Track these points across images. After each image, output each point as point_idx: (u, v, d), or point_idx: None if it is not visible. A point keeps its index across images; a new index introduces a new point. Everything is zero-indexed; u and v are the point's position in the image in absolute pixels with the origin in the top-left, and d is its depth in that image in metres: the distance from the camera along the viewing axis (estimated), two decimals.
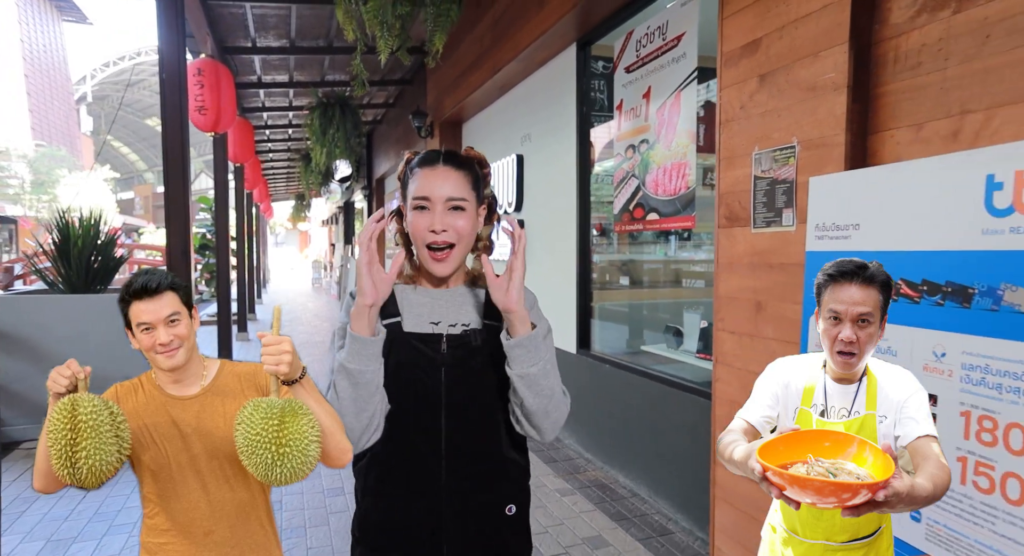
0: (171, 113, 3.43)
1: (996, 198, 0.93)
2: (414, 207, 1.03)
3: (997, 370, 0.91)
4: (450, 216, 1.02)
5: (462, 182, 1.05)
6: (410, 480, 1.04)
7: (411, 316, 1.07)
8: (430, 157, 1.06)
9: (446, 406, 1.03)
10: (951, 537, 0.96)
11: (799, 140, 1.88)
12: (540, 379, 1.00)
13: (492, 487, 1.07)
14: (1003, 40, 1.40)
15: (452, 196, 1.02)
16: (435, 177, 1.03)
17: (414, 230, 1.03)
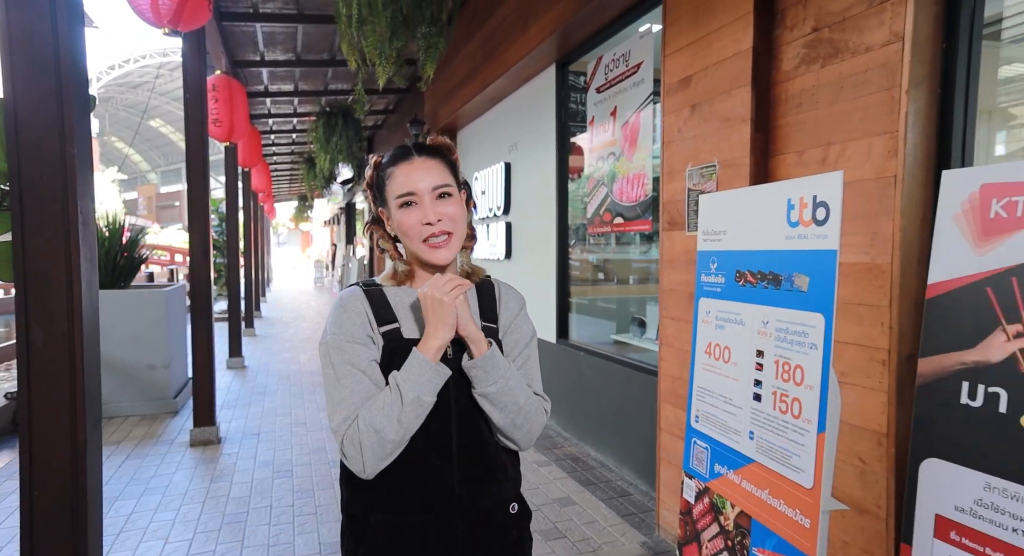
0: (194, 128, 3.87)
1: (791, 215, 1.36)
2: (400, 205, 1.01)
3: (791, 330, 1.34)
4: (440, 205, 1.01)
5: (442, 169, 1.03)
6: (422, 491, 0.99)
7: (408, 321, 1.04)
8: (403, 153, 1.04)
9: (456, 413, 1.00)
10: (768, 446, 1.40)
11: (719, 160, 2.31)
12: (501, 397, 0.98)
13: (497, 490, 1.05)
14: (852, 91, 1.83)
15: (437, 184, 1.01)
16: (415, 170, 1.01)
17: (405, 228, 1.01)
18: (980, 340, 1.07)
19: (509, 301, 1.14)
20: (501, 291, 1.15)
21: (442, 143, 1.08)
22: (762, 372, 1.43)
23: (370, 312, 1.02)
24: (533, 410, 1.03)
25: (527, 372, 1.10)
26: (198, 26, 2.83)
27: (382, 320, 1.02)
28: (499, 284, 1.16)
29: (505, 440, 1.03)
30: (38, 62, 1.38)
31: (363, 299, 1.03)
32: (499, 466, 1.05)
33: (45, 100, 1.39)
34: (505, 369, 0.99)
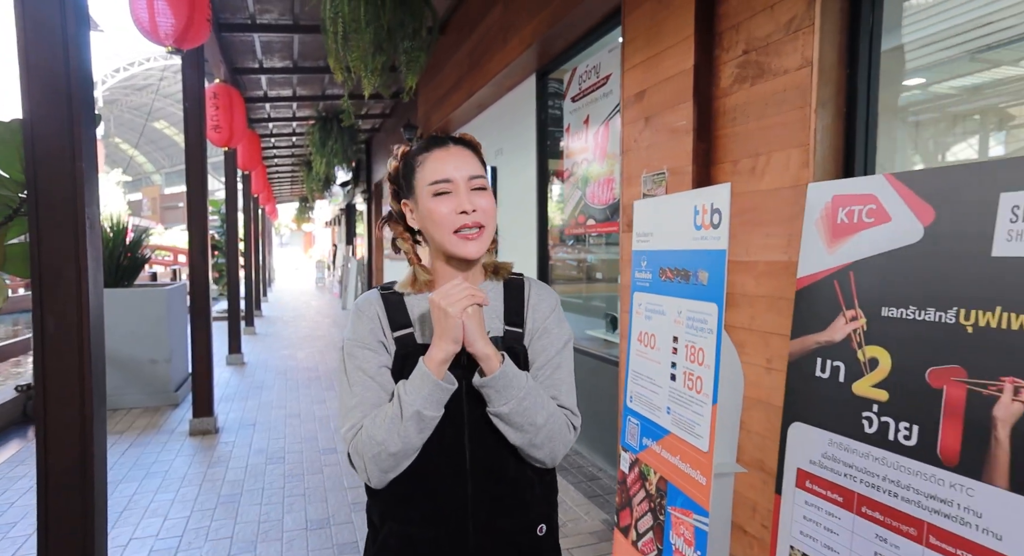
0: (192, 136, 4.11)
1: (696, 220, 1.58)
2: (434, 193, 0.95)
3: (696, 318, 1.56)
4: (475, 196, 0.95)
5: (476, 161, 0.99)
6: (434, 504, 0.95)
7: (427, 326, 0.98)
8: (437, 140, 0.99)
9: (469, 424, 0.95)
10: (680, 419, 1.62)
11: (668, 168, 2.53)
12: (515, 417, 0.92)
13: (521, 507, 0.98)
14: (774, 108, 2.05)
15: (474, 173, 0.96)
16: (451, 157, 0.96)
17: (437, 218, 0.95)
18: (828, 324, 1.29)
19: (540, 303, 1.04)
20: (532, 291, 1.06)
21: (473, 139, 1.03)
22: (676, 355, 1.66)
23: (384, 316, 0.99)
24: (556, 429, 0.95)
25: (555, 382, 1.01)
26: (199, 44, 3.06)
27: (396, 325, 0.98)
28: (530, 282, 1.07)
29: (527, 458, 0.96)
30: (52, 90, 1.61)
31: (379, 303, 1.00)
32: (523, 483, 0.98)
33: (58, 122, 1.62)
34: (520, 387, 0.92)
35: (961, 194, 1.06)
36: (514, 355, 0.97)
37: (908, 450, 1.10)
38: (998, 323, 0.98)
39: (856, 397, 1.21)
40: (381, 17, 3.20)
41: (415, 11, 3.30)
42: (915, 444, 1.09)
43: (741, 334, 2.19)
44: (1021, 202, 0.97)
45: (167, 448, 3.92)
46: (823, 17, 1.88)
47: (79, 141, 1.66)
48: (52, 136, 1.62)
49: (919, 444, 1.09)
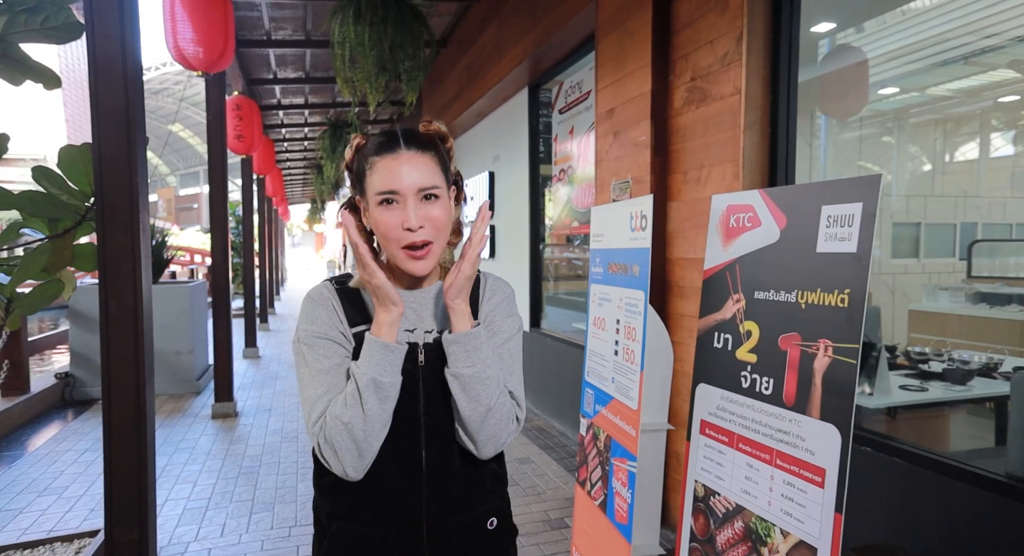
0: (215, 146, 4.52)
1: (631, 224, 1.95)
2: (379, 202, 0.90)
3: (630, 303, 1.93)
4: (424, 207, 0.90)
5: (431, 166, 0.91)
6: (385, 507, 0.93)
7: None
8: (389, 142, 0.91)
9: (425, 425, 0.93)
10: (619, 385, 1.99)
11: (631, 177, 2.90)
12: (475, 383, 0.90)
13: (472, 504, 0.98)
14: (714, 128, 2.41)
15: (424, 185, 0.89)
16: (400, 165, 0.89)
17: (383, 230, 0.90)
18: (722, 305, 1.65)
19: (492, 296, 1.03)
20: (487, 284, 1.05)
21: (435, 131, 0.97)
22: (618, 335, 2.03)
23: (340, 311, 0.96)
24: (503, 414, 0.94)
25: (503, 367, 0.99)
26: (224, 68, 3.47)
27: (353, 320, 0.95)
28: (486, 277, 1.06)
29: (465, 438, 0.94)
30: (115, 121, 2.01)
31: (334, 296, 0.97)
32: (474, 479, 0.98)
33: (119, 146, 2.02)
34: (487, 355, 0.92)
35: (801, 206, 1.43)
36: None
37: (766, 397, 1.47)
38: (818, 300, 1.35)
39: (738, 361, 1.58)
40: (383, 40, 3.58)
41: (414, 33, 3.69)
42: (771, 393, 1.46)
43: (691, 321, 2.55)
44: (833, 213, 1.34)
45: (192, 428, 4.34)
46: (749, 53, 2.24)
47: (135, 161, 2.06)
48: (114, 157, 2.02)
49: (773, 392, 1.45)
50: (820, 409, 1.31)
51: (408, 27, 3.64)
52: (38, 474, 3.42)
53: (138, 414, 2.04)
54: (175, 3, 3.07)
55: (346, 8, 3.55)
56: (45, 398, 4.72)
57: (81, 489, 3.21)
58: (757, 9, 2.23)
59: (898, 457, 1.80)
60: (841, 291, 1.30)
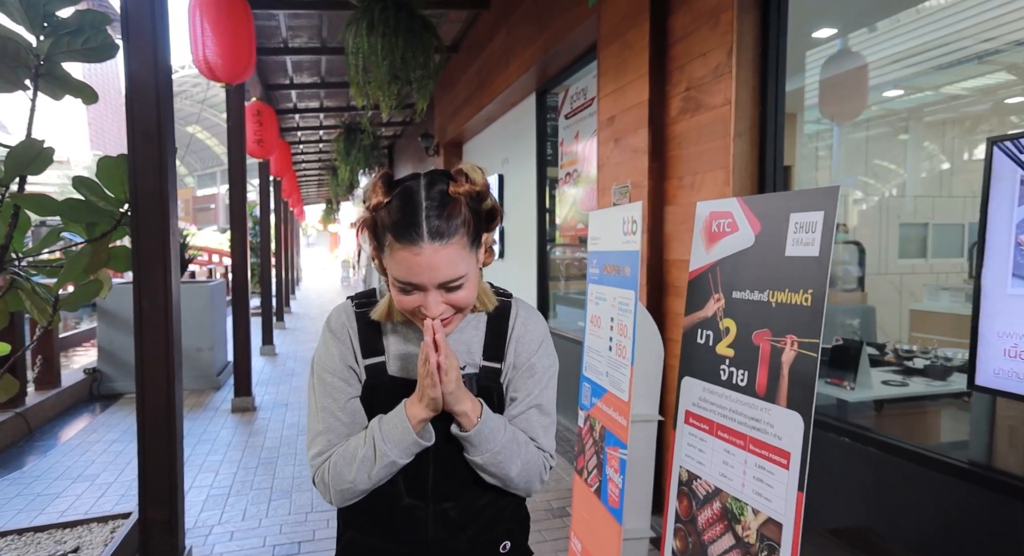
0: (235, 150, 4.72)
1: (623, 228, 2.08)
2: (397, 288, 0.86)
3: (622, 302, 2.07)
4: (447, 296, 0.86)
5: (456, 255, 0.83)
6: (394, 522, 0.95)
7: (397, 356, 0.95)
8: (409, 230, 0.81)
9: (434, 460, 0.93)
10: (612, 379, 2.12)
11: (631, 182, 3.03)
12: (489, 467, 0.91)
13: (485, 528, 0.97)
14: (707, 136, 2.54)
15: (447, 280, 0.84)
16: (420, 262, 0.82)
17: (402, 307, 0.88)
18: (705, 304, 1.78)
19: (524, 334, 0.99)
20: (517, 321, 1.00)
21: (466, 193, 0.85)
22: (612, 331, 2.17)
23: (357, 340, 0.95)
24: (531, 474, 0.95)
25: (534, 424, 0.98)
26: (246, 79, 3.65)
27: (368, 351, 0.95)
28: (517, 311, 1.01)
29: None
30: (147, 135, 2.18)
31: (352, 325, 0.96)
32: (488, 499, 0.97)
33: (152, 157, 2.20)
34: (496, 440, 0.90)
35: (772, 213, 1.56)
36: (487, 395, 0.94)
37: (741, 389, 1.60)
38: (786, 299, 1.48)
39: (718, 355, 1.71)
40: (395, 51, 3.74)
41: (424, 44, 3.84)
42: (745, 384, 1.59)
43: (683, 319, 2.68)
44: (799, 220, 1.47)
45: (214, 421, 4.54)
46: (738, 65, 2.36)
47: (165, 171, 2.23)
48: (147, 167, 2.20)
49: (747, 384, 1.58)
50: (787, 398, 1.45)
51: (419, 37, 3.80)
52: (71, 462, 3.63)
53: (168, 401, 2.22)
54: (202, 19, 3.25)
55: (359, 20, 3.71)
56: (75, 392, 4.95)
57: (112, 476, 3.41)
58: (746, 25, 2.35)
59: (873, 447, 1.92)
60: (805, 291, 1.44)
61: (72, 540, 2.41)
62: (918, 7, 2.41)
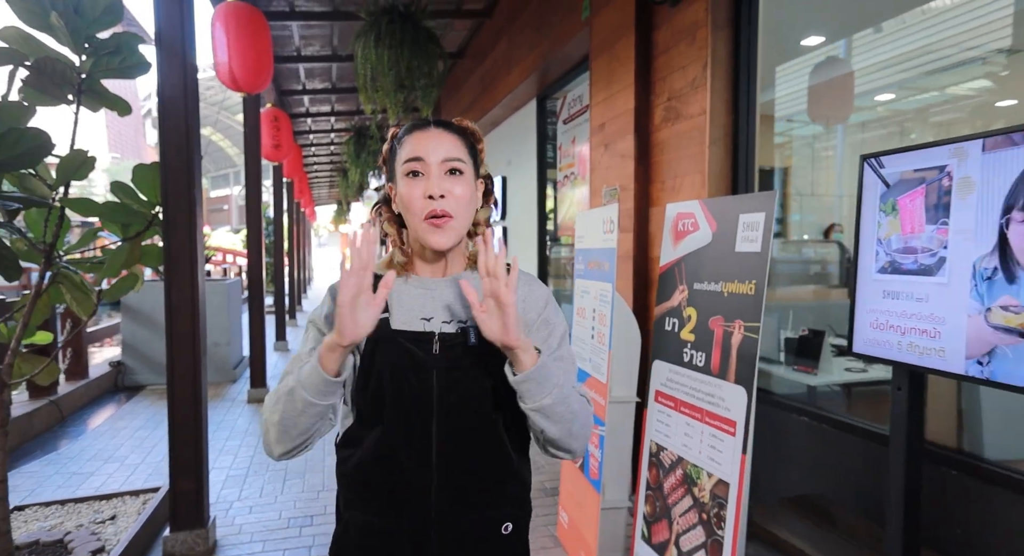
0: (251, 155, 4.99)
1: (603, 226, 2.31)
2: (406, 173, 0.94)
3: (601, 294, 2.30)
4: (447, 181, 0.92)
5: (457, 143, 0.95)
6: (395, 494, 0.93)
7: (401, 311, 0.97)
8: (421, 122, 0.98)
9: (438, 415, 0.92)
10: (593, 364, 2.35)
11: (619, 185, 3.25)
12: (557, 406, 0.89)
13: (488, 505, 0.96)
14: (685, 143, 2.75)
15: (448, 156, 0.93)
16: (428, 138, 0.94)
17: (408, 201, 0.93)
18: (672, 295, 2.00)
19: (530, 294, 1.02)
20: (520, 282, 1.02)
21: (465, 125, 1.00)
22: (594, 321, 2.39)
23: None
24: (585, 416, 0.95)
25: (567, 369, 0.99)
26: (264, 88, 3.91)
27: None
28: (516, 272, 0.98)
29: (557, 452, 0.94)
30: (177, 146, 2.44)
31: None
32: (492, 479, 0.95)
33: (182, 165, 2.45)
34: (556, 375, 0.90)
35: (726, 214, 1.78)
36: (489, 344, 0.90)
37: (700, 369, 1.82)
38: (736, 289, 1.70)
39: (681, 340, 1.93)
40: (401, 62, 3.98)
41: (429, 55, 4.08)
42: (703, 365, 1.81)
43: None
44: (747, 220, 1.69)
45: (231, 411, 4.81)
46: (713, 78, 2.58)
47: (192, 177, 2.49)
48: (176, 174, 2.45)
49: (704, 364, 1.80)
50: (735, 375, 1.67)
51: (423, 48, 4.04)
52: (101, 446, 3.91)
53: (195, 381, 2.47)
54: (224, 32, 3.51)
55: (368, 33, 3.96)
56: (101, 383, 5.24)
57: (139, 458, 3.68)
58: (719, 41, 2.57)
59: (826, 424, 2.13)
60: (750, 281, 1.66)
61: (109, 510, 2.67)
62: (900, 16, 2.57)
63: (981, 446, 1.67)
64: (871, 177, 1.05)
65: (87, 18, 2.27)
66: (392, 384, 0.92)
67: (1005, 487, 1.54)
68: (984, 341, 0.88)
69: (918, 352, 1.00)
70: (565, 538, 2.55)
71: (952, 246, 0.92)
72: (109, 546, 2.32)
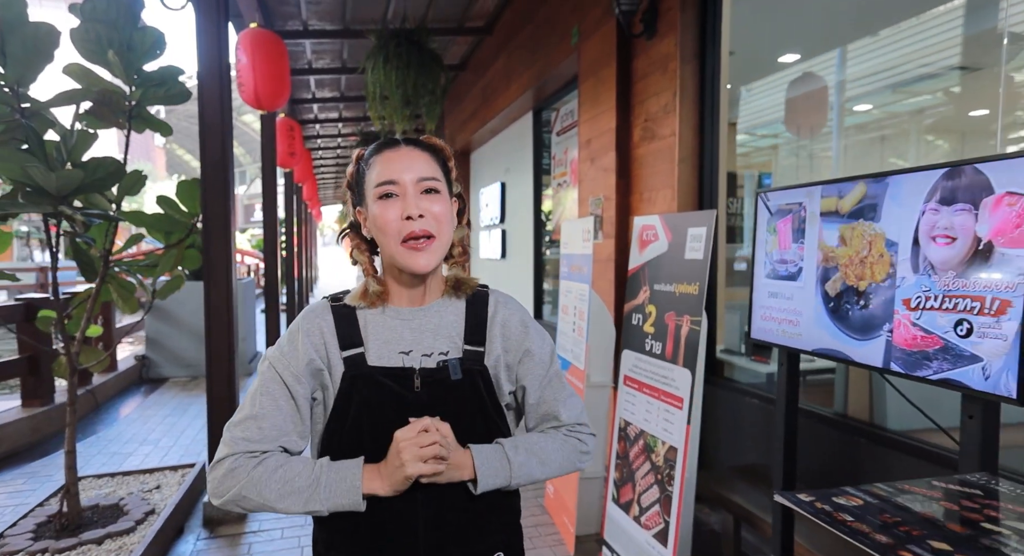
0: (267, 163, 5.37)
1: (582, 234, 2.68)
2: (379, 196, 0.88)
3: (580, 294, 2.67)
4: (424, 200, 0.88)
5: (430, 163, 0.91)
6: (383, 536, 0.88)
7: (376, 344, 0.91)
8: (388, 142, 0.92)
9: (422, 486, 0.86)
10: (574, 354, 2.73)
11: (603, 196, 3.61)
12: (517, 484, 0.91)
13: (477, 535, 0.92)
14: (659, 160, 3.12)
15: (423, 176, 0.88)
16: (398, 158, 0.89)
17: (382, 224, 0.87)
18: (637, 294, 2.37)
19: (509, 319, 0.99)
20: (497, 307, 0.99)
21: (435, 142, 0.96)
22: (575, 317, 2.76)
23: (332, 333, 0.92)
24: (564, 464, 0.96)
25: (554, 400, 0.98)
26: (282, 105, 4.29)
27: (346, 343, 0.91)
28: (495, 297, 1.00)
29: None
30: (215, 164, 2.82)
31: (326, 317, 0.93)
32: (481, 507, 0.91)
33: (219, 180, 2.83)
34: (502, 468, 0.89)
35: (678, 227, 2.15)
36: (471, 377, 0.91)
37: (657, 355, 2.19)
38: (685, 290, 2.07)
39: (644, 332, 2.30)
40: (407, 81, 4.37)
41: (432, 75, 4.46)
42: (660, 352, 2.18)
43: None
44: (693, 232, 2.05)
45: None
46: (681, 104, 2.94)
47: (228, 190, 2.87)
48: (214, 188, 2.83)
49: (660, 352, 2.17)
50: (683, 359, 2.04)
51: (428, 69, 4.42)
52: (135, 431, 4.30)
53: (229, 363, 2.86)
54: (248, 57, 3.89)
55: (376, 55, 4.34)
56: (128, 375, 5.64)
57: (171, 441, 4.07)
58: (687, 72, 2.93)
59: (771, 405, 2.49)
60: (694, 283, 2.03)
61: (152, 481, 3.06)
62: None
63: (885, 419, 2.03)
64: (762, 206, 1.41)
65: (137, 53, 2.67)
66: (370, 426, 0.88)
67: (900, 451, 1.91)
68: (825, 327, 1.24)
69: (788, 336, 1.37)
70: (551, 507, 2.93)
71: (805, 259, 1.29)
72: (158, 509, 2.71)
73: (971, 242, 0.91)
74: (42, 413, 3.98)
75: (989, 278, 0.88)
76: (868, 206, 1.13)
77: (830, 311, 1.23)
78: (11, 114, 2.22)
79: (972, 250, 0.91)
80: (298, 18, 5.34)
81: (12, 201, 2.16)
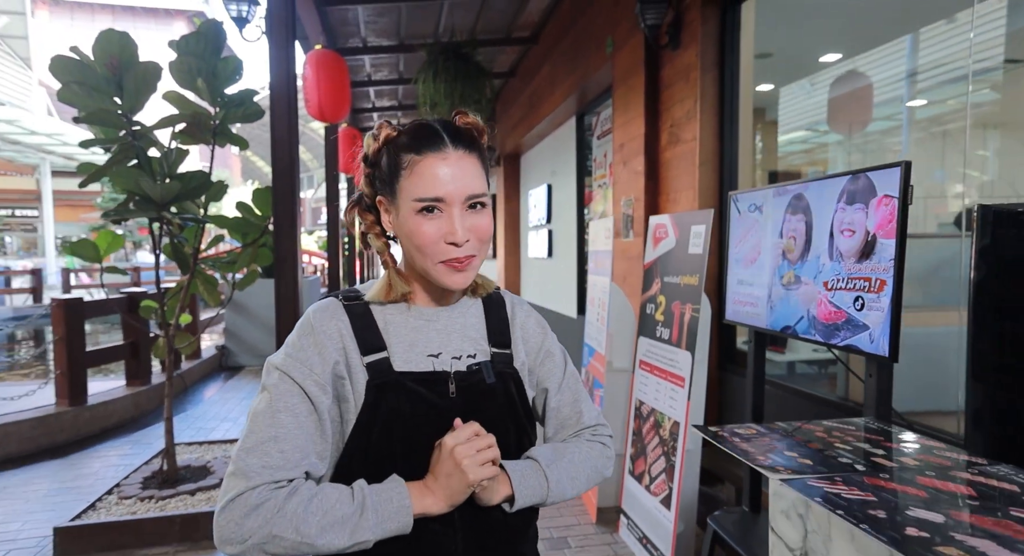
0: (330, 169, 5.88)
1: (604, 234, 2.93)
2: (418, 210, 0.77)
3: (602, 287, 2.93)
4: (470, 216, 0.79)
5: (479, 169, 0.81)
6: (422, 550, 0.80)
7: (401, 347, 0.83)
8: (432, 138, 0.79)
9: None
10: (598, 341, 3.00)
11: (634, 197, 3.84)
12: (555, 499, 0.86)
13: (512, 551, 0.88)
14: (683, 163, 3.33)
15: (474, 193, 0.78)
16: (449, 167, 0.77)
17: (420, 241, 0.78)
18: (651, 285, 2.61)
19: (526, 320, 0.95)
20: (514, 309, 0.95)
21: (474, 125, 0.85)
22: (598, 308, 3.02)
23: (350, 337, 0.81)
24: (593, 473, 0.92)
25: (575, 400, 0.95)
26: (345, 117, 4.75)
27: (367, 348, 0.81)
28: (509, 298, 0.96)
29: None
30: (284, 173, 3.25)
31: (343, 319, 0.82)
32: (512, 524, 0.86)
33: (287, 188, 3.26)
34: (539, 485, 0.84)
35: (684, 225, 2.38)
36: (504, 380, 0.87)
37: (666, 341, 2.43)
38: (688, 281, 2.30)
39: (655, 320, 2.55)
40: (454, 93, 4.73)
41: (479, 86, 4.80)
42: (668, 338, 2.42)
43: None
44: (695, 230, 2.29)
45: None
46: (702, 111, 3.15)
47: (295, 197, 3.30)
48: (283, 195, 3.27)
49: (668, 337, 2.41)
50: (685, 343, 2.28)
51: (474, 81, 4.77)
52: (217, 410, 4.86)
53: None
54: (314, 75, 4.35)
55: (427, 69, 4.73)
56: (210, 363, 6.28)
57: (235, 424, 4.59)
58: (708, 81, 3.14)
59: (780, 390, 2.68)
60: (694, 275, 2.26)
61: (232, 449, 3.53)
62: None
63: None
64: (733, 207, 1.64)
65: (220, 79, 3.13)
66: (402, 438, 0.79)
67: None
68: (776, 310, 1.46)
69: (752, 317, 1.60)
70: None
71: (763, 251, 1.52)
72: None
73: (863, 234, 1.13)
74: (143, 391, 4.59)
75: (873, 263, 1.10)
76: (804, 207, 1.36)
77: (780, 294, 1.46)
78: (125, 137, 2.71)
79: (864, 240, 1.13)
80: (358, 36, 5.82)
81: (126, 208, 2.63)
